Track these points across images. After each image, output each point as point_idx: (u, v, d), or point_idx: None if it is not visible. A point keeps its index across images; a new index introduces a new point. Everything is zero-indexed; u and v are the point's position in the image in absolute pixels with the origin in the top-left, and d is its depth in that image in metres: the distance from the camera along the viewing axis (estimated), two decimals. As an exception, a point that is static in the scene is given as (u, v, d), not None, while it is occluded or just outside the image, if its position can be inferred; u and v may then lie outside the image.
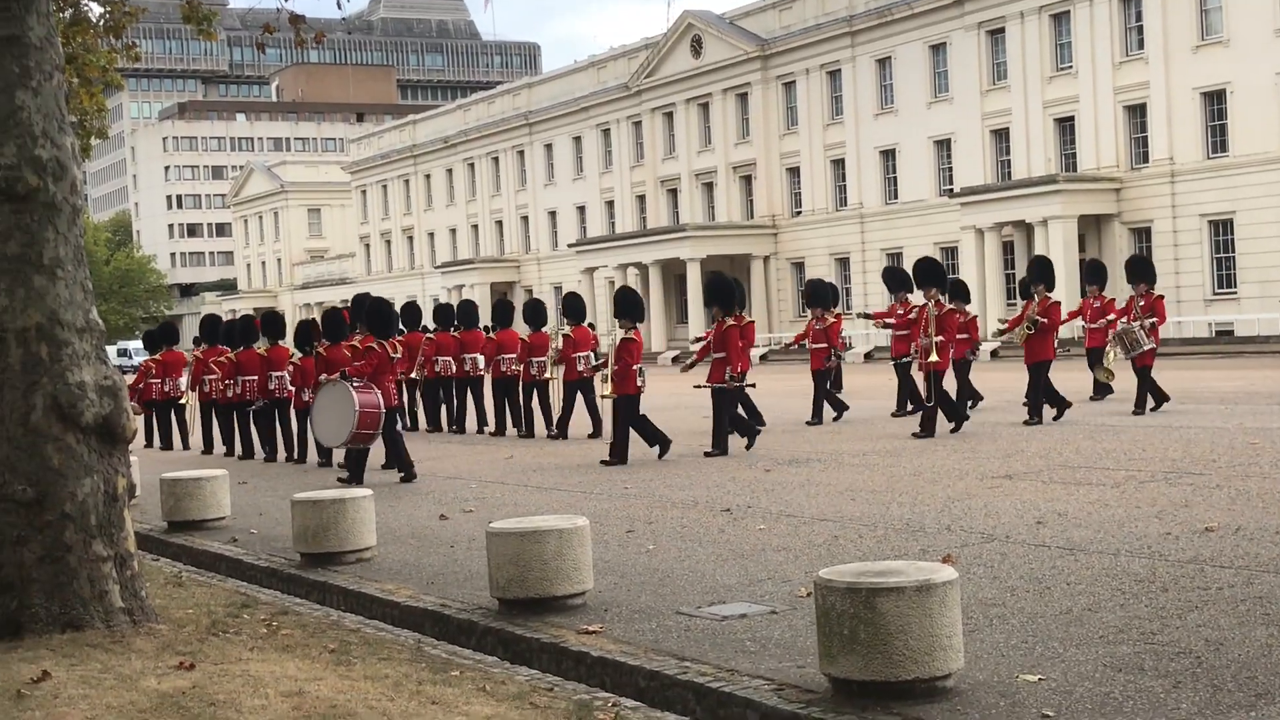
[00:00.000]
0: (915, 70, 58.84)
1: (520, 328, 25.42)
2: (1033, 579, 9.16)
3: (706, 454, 18.60)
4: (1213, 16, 48.35)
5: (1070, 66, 52.63)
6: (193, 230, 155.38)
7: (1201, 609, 8.04)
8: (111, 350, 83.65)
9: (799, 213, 65.68)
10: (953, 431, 19.40)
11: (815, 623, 6.81)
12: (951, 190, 56.23)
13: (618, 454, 18.37)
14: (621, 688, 7.49)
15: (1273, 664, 6.84)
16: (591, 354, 22.58)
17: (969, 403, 22.53)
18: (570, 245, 75.62)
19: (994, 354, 43.03)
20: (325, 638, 8.56)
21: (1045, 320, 20.36)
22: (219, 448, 24.92)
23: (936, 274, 20.78)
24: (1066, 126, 53.30)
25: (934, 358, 19.35)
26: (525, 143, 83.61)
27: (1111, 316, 22.76)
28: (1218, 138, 48.49)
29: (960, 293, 23.27)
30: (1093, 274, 24.43)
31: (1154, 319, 21.37)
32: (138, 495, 15.00)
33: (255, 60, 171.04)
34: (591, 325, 23.87)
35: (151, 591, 9.41)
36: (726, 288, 20.09)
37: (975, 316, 24.36)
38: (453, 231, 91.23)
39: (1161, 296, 22.46)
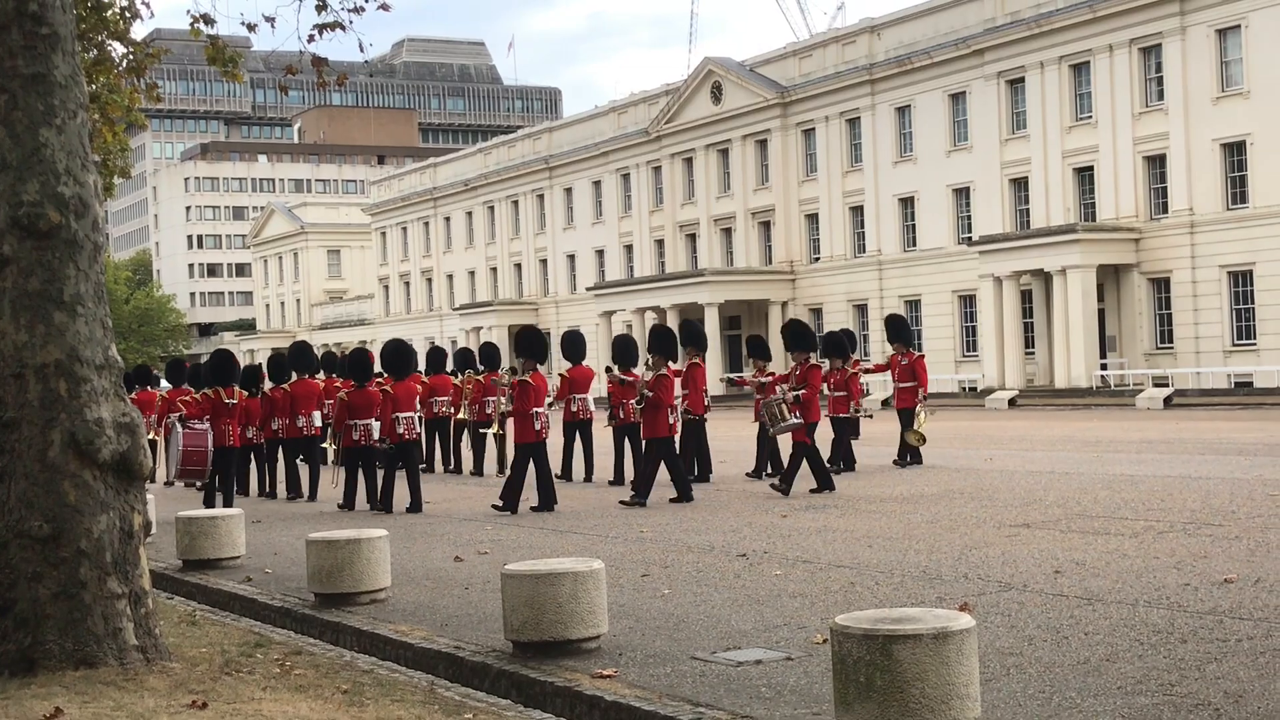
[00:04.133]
0: (935, 119, 58.95)
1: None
2: (1050, 628, 9.10)
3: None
4: (1233, 68, 48.39)
5: (1090, 116, 52.68)
6: (213, 270, 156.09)
7: (1221, 661, 7.97)
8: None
9: (817, 259, 65.71)
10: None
11: (831, 669, 6.77)
12: (970, 239, 56.21)
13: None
14: (635, 733, 7.45)
15: (1293, 718, 6.77)
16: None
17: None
18: (588, 289, 75.74)
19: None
20: (338, 678, 8.53)
21: (652, 394, 18.66)
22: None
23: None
24: (1086, 176, 53.29)
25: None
26: (545, 186, 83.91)
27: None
28: (1238, 189, 48.43)
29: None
30: (895, 332, 24.31)
31: (802, 390, 19.23)
32: (153, 533, 15.02)
33: (278, 102, 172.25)
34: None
35: (165, 630, 9.39)
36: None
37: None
38: (471, 274, 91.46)
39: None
